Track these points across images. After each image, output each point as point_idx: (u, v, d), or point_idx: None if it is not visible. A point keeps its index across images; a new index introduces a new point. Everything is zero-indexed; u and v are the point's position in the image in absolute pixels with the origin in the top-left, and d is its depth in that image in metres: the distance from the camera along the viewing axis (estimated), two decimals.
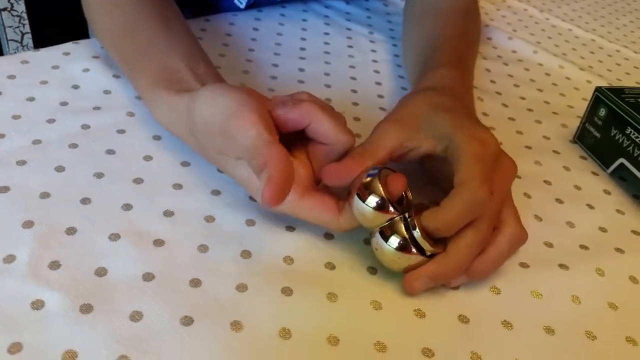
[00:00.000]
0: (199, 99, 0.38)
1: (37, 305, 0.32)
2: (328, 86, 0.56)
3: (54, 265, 0.34)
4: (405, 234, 0.35)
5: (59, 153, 0.42)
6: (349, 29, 0.67)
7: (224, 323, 0.33)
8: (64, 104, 0.47)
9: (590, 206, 0.47)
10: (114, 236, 0.37)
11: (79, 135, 0.44)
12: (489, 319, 0.36)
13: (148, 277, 0.35)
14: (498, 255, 0.37)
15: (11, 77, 0.49)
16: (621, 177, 0.51)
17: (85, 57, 0.52)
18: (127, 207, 0.39)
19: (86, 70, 0.51)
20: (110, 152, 0.43)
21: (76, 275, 0.34)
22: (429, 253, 0.35)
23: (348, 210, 0.36)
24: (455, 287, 0.38)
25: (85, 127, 0.45)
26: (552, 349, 0.35)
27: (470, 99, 0.48)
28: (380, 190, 0.35)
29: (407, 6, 0.64)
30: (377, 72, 0.60)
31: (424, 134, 0.39)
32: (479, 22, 0.62)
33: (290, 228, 0.40)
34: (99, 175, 0.41)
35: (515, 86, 0.63)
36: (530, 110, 0.59)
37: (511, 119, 0.57)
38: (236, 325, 0.33)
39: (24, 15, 0.96)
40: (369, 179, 0.35)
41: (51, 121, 0.45)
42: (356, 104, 0.54)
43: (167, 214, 0.39)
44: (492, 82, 0.62)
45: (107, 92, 0.49)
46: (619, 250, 0.43)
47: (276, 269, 0.37)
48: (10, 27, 0.96)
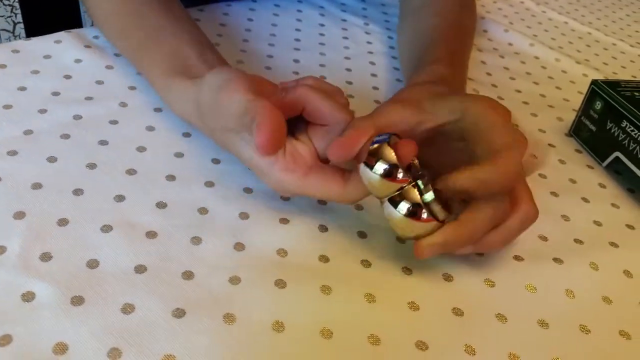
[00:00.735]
0: (205, 84, 0.38)
1: (28, 297, 0.32)
2: (323, 77, 0.56)
3: (45, 256, 0.34)
4: (417, 199, 0.34)
5: (51, 143, 0.42)
6: (344, 20, 0.67)
7: (217, 316, 0.33)
8: (55, 94, 0.46)
9: (585, 200, 0.47)
10: (106, 227, 0.37)
11: (71, 126, 0.44)
12: (483, 312, 0.36)
13: (140, 269, 0.35)
14: (510, 231, 0.36)
15: (2, 66, 0.48)
16: (616, 170, 0.51)
17: (78, 46, 0.52)
18: (120, 198, 0.39)
19: (78, 60, 0.50)
20: (103, 142, 0.43)
21: (68, 267, 0.34)
22: (441, 218, 0.34)
23: (353, 180, 0.36)
24: (455, 269, 0.37)
25: (78, 117, 0.45)
26: (546, 342, 0.35)
27: (464, 92, 0.48)
28: (389, 156, 0.33)
29: None
30: (372, 63, 0.60)
31: (429, 110, 0.38)
32: (474, 14, 0.61)
33: (284, 220, 0.39)
34: (92, 166, 0.41)
35: (511, 79, 0.62)
36: (526, 103, 0.59)
37: None
38: (229, 317, 0.33)
39: (16, 5, 0.95)
40: (376, 145, 0.34)
41: (43, 111, 0.44)
42: (351, 97, 0.54)
43: (160, 205, 0.39)
44: (488, 74, 0.62)
45: (99, 82, 0.49)
46: (614, 245, 0.43)
47: (270, 262, 0.37)
48: (2, 16, 0.95)
